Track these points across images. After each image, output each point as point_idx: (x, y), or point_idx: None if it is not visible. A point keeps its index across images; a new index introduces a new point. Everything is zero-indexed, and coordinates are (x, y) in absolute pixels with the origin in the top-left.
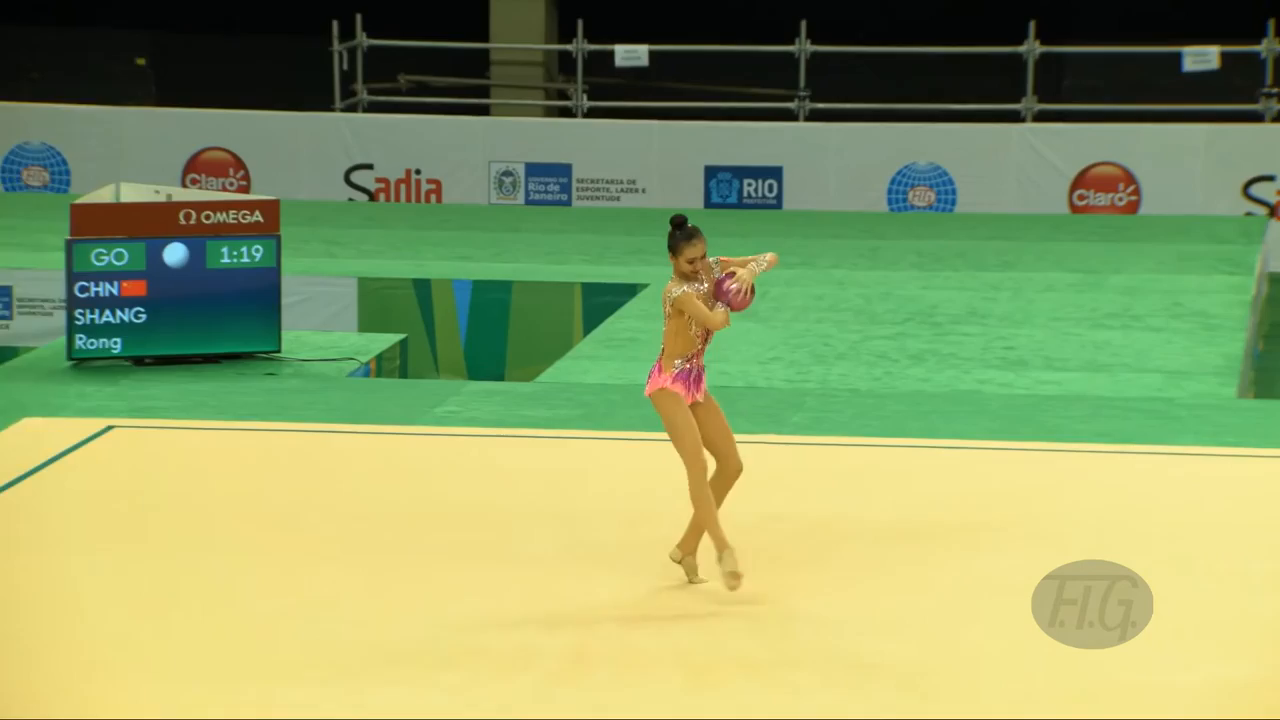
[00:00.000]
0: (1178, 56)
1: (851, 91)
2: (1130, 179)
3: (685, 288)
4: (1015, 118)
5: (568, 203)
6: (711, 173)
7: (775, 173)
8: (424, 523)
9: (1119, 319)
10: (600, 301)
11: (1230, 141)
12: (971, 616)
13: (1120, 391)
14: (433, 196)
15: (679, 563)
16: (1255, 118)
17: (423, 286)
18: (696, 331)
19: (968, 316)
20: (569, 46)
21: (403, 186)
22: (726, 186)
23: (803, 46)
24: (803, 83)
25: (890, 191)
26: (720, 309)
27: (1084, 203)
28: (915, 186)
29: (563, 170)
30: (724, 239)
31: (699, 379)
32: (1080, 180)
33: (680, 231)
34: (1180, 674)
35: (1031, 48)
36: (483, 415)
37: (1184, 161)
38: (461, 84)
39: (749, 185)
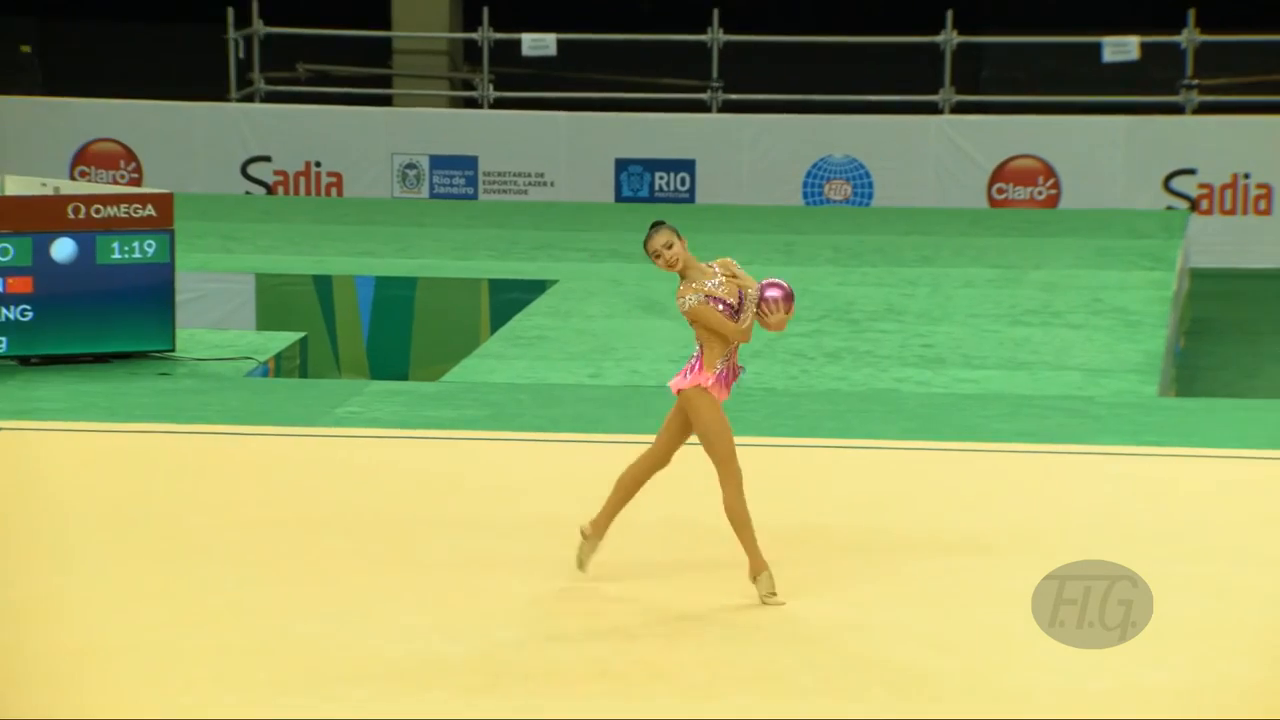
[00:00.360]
0: (1097, 47)
1: (765, 82)
2: (1050, 172)
3: (692, 298)
4: (933, 109)
5: (474, 196)
6: (622, 166)
7: (688, 166)
8: (322, 528)
9: (1038, 315)
10: (508, 298)
11: (1151, 134)
12: (888, 623)
13: (1040, 390)
14: (333, 190)
15: (585, 536)
16: (1176, 110)
17: (323, 283)
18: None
19: (885, 313)
20: (474, 35)
21: (302, 179)
22: (638, 180)
23: (715, 36)
24: (715, 73)
25: (805, 185)
26: (747, 317)
27: (1003, 196)
28: (831, 180)
29: (468, 163)
30: (635, 234)
31: (732, 379)
32: (999, 173)
33: (649, 230)
34: (1093, 680)
35: (949, 38)
36: (385, 416)
37: (1104, 154)
38: (363, 73)
39: (660, 178)
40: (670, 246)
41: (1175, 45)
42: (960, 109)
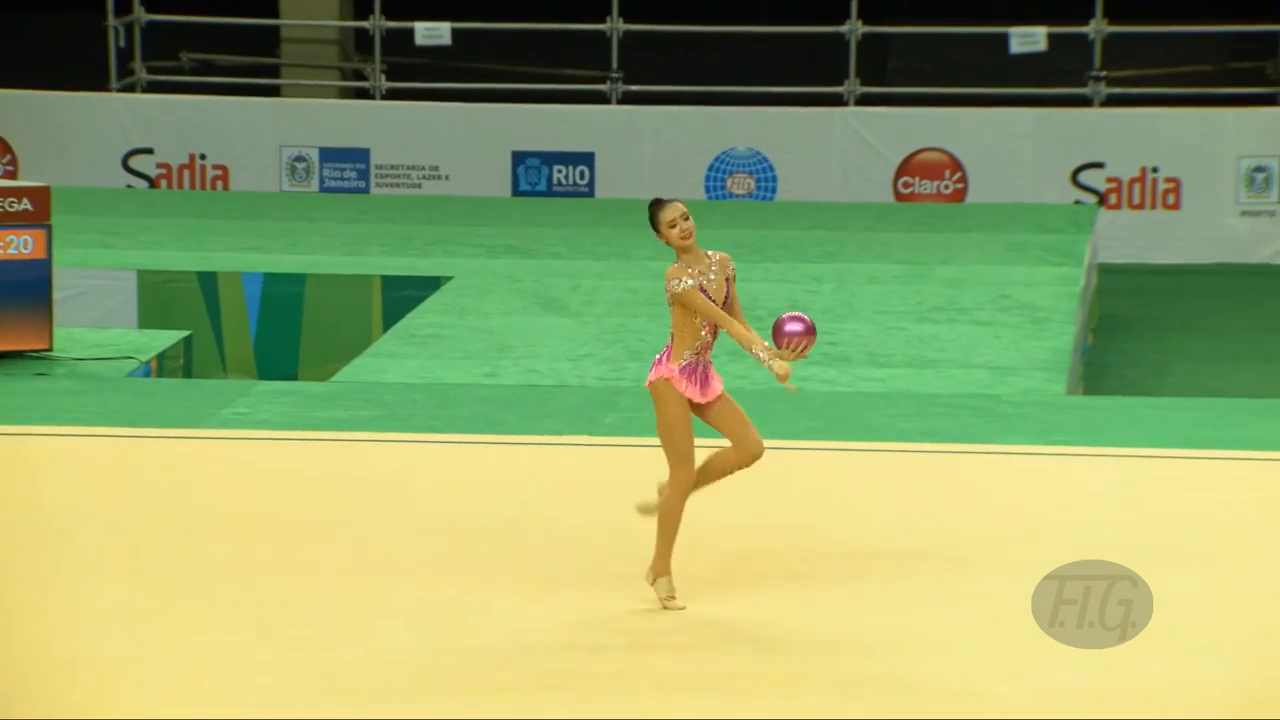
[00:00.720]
0: (1005, 38)
1: (667, 73)
2: (957, 166)
3: (688, 281)
4: (838, 101)
5: (365, 190)
6: (519, 158)
7: (587, 159)
8: (206, 534)
9: (945, 312)
10: (401, 295)
11: (1058, 127)
12: (781, 632)
13: (946, 388)
14: (219, 183)
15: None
16: (1084, 102)
17: (208, 280)
18: (702, 323)
19: (789, 310)
20: (365, 23)
21: (186, 172)
22: (535, 173)
23: (615, 25)
24: (615, 63)
25: (708, 179)
26: (761, 346)
27: (909, 190)
28: (734, 173)
29: (360, 155)
30: (532, 229)
31: (706, 377)
32: (905, 167)
33: (654, 204)
34: (1004, 684)
35: (854, 28)
36: (273, 417)
37: (1012, 148)
38: (250, 63)
39: (559, 172)
40: (688, 217)
41: (1083, 36)
42: (866, 101)
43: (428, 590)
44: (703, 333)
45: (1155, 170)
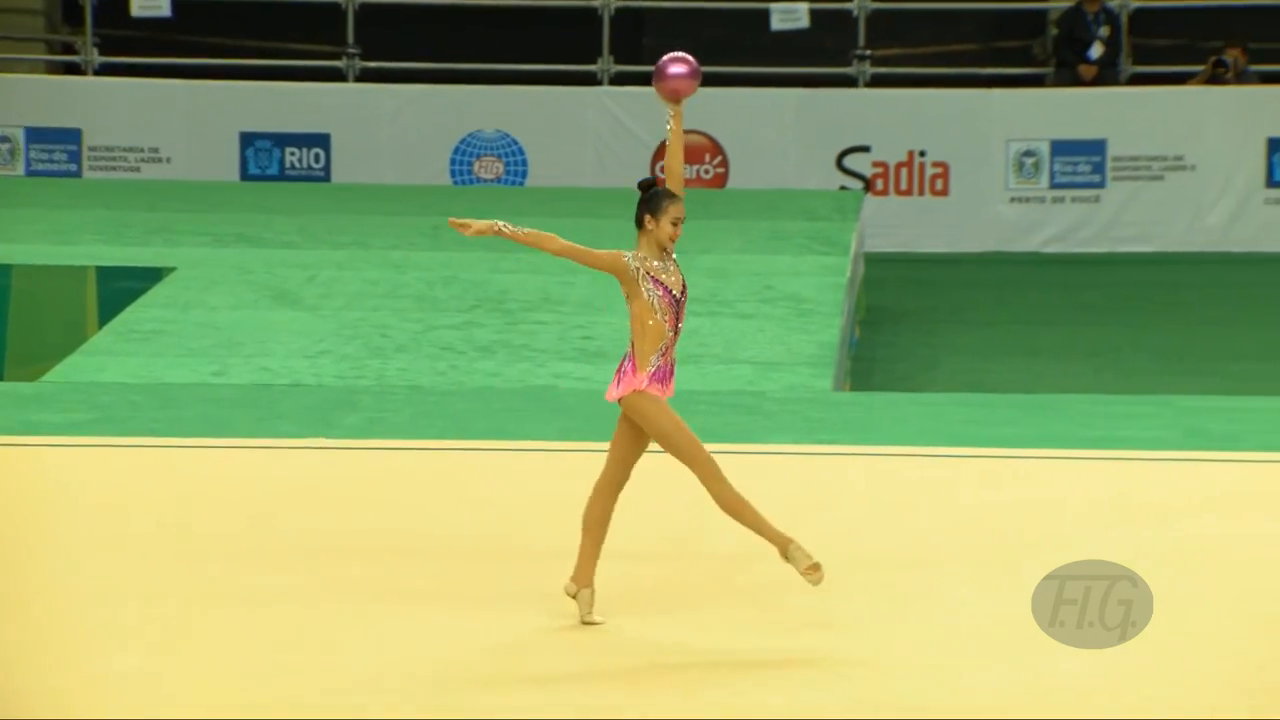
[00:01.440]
0: (765, 14)
1: (408, 49)
2: (717, 149)
3: (625, 252)
4: (591, 80)
5: (77, 173)
6: (248, 140)
7: (322, 140)
8: None
9: (706, 305)
10: (118, 288)
11: (822, 108)
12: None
13: (708, 385)
14: None
15: (574, 596)
16: (848, 82)
17: None
18: (664, 319)
19: (542, 303)
20: None
21: None
22: (266, 156)
23: None
24: (352, 38)
25: (453, 162)
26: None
27: None
28: (481, 157)
29: (70, 136)
30: (263, 216)
31: (671, 374)
32: (664, 150)
33: (657, 190)
34: (771, 696)
35: (607, 2)
36: None
37: (774, 130)
38: None
39: (292, 155)
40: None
41: (847, 13)
42: (620, 80)
43: (153, 608)
44: (666, 330)
45: (923, 154)
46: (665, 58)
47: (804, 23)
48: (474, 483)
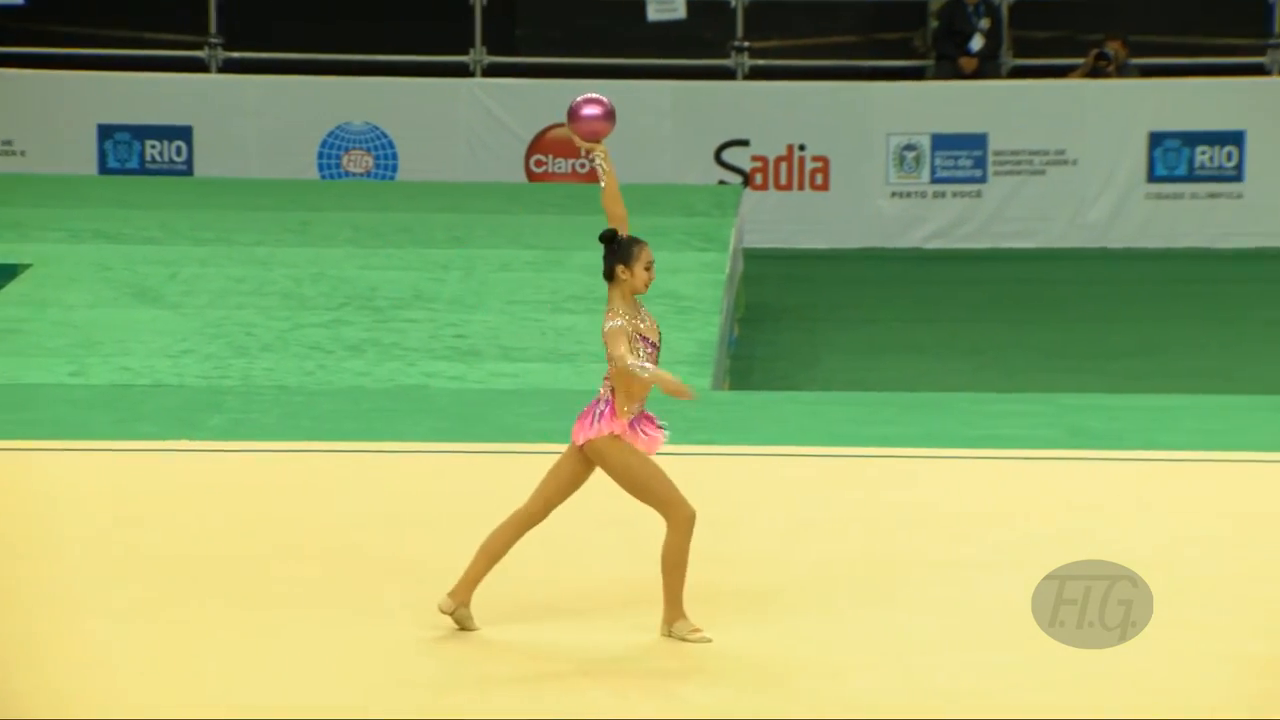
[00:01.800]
0: (641, 4)
1: (273, 38)
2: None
3: (618, 320)
4: (463, 72)
5: None
6: (106, 132)
7: (183, 133)
8: None
9: (583, 302)
10: None
11: (700, 101)
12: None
13: (585, 384)
14: None
15: (450, 614)
16: (727, 74)
17: None
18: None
19: (413, 300)
20: None
21: None
22: (125, 149)
23: None
24: (214, 27)
25: (321, 156)
26: (651, 371)
27: (543, 170)
28: (350, 150)
29: None
30: (123, 211)
31: (641, 417)
32: (538, 144)
33: (623, 239)
34: (645, 701)
35: None
36: None
37: (651, 124)
38: None
39: (152, 148)
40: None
41: (725, 4)
42: (493, 71)
43: (16, 623)
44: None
45: (803, 148)
46: (579, 99)
47: (681, 14)
48: (343, 485)
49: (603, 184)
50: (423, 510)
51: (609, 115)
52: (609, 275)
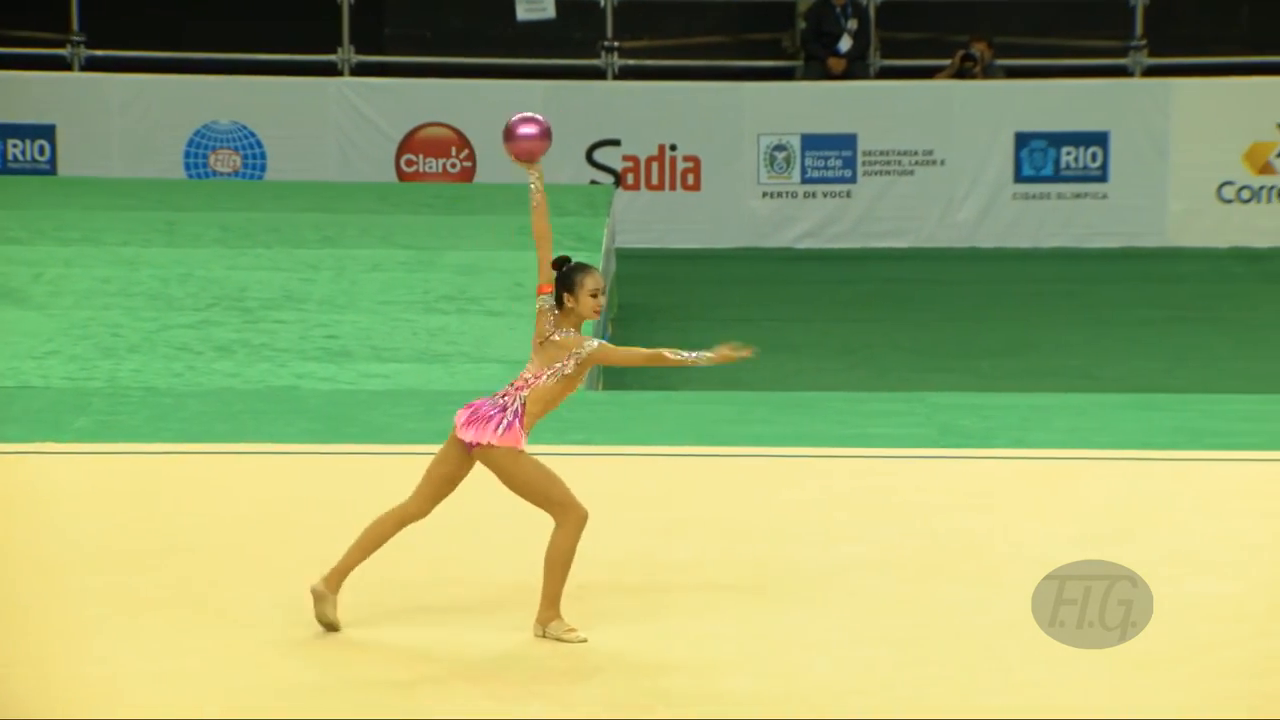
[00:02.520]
0: (510, 4)
1: (137, 36)
2: (464, 142)
3: (594, 341)
4: (331, 71)
5: None
6: None
7: (46, 132)
8: None
9: (455, 302)
10: None
11: (570, 101)
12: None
13: (457, 385)
14: None
15: (317, 597)
16: (597, 74)
17: None
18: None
19: (283, 301)
20: None
21: None
22: None
23: None
24: (78, 24)
25: (187, 155)
26: (697, 355)
27: (413, 169)
28: (217, 149)
29: None
30: None
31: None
32: (408, 143)
33: (568, 267)
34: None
35: None
36: None
37: None
38: None
39: (14, 147)
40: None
41: (595, 3)
42: (362, 70)
43: None
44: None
45: (674, 148)
46: (514, 118)
47: (550, 13)
48: (213, 487)
49: (534, 203)
50: (294, 512)
51: (545, 134)
52: (559, 303)
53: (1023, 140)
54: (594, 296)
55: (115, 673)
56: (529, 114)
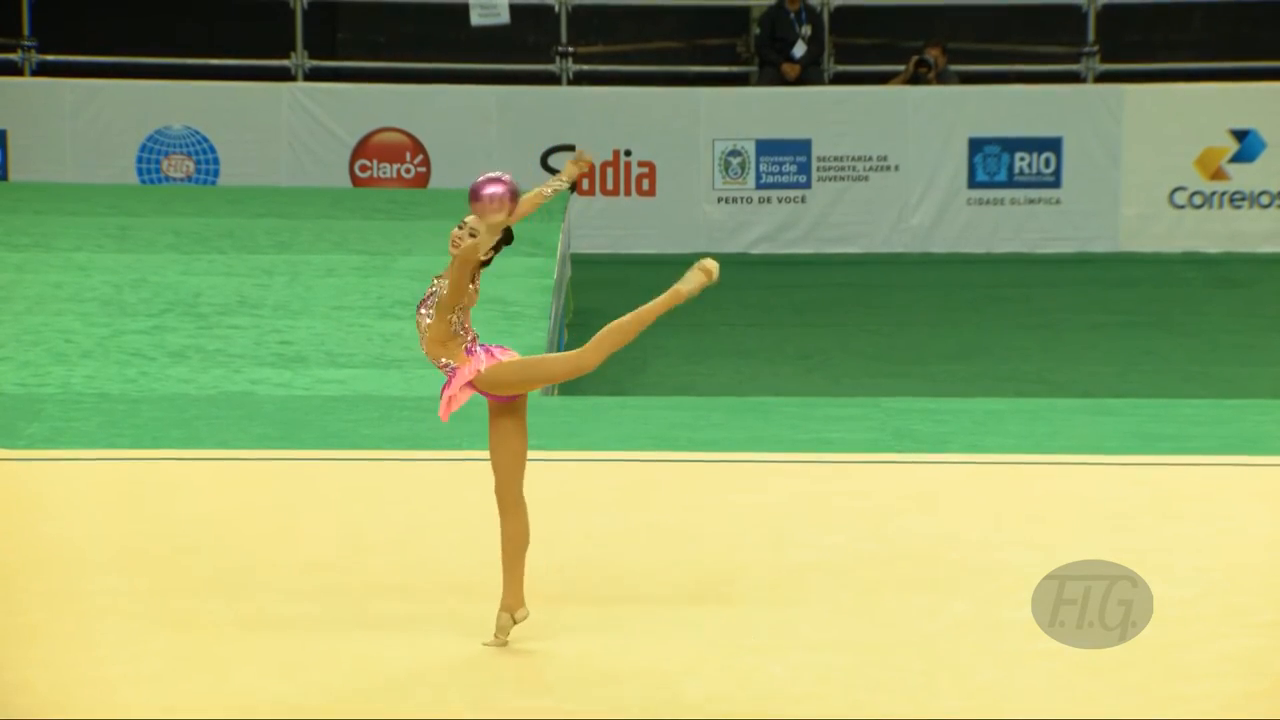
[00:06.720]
0: (464, 8)
1: (88, 40)
2: (419, 148)
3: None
4: (285, 75)
5: None
6: None
7: None
8: None
9: (410, 307)
10: None
11: (525, 106)
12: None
13: (413, 390)
14: None
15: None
16: (551, 79)
17: None
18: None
19: (237, 306)
20: None
21: None
22: None
23: None
24: (28, 30)
25: (140, 160)
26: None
27: (367, 174)
28: (170, 154)
29: None
30: None
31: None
32: (362, 149)
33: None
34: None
35: None
36: None
37: (476, 129)
38: None
39: None
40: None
41: (549, 8)
42: (315, 76)
43: None
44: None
45: (629, 154)
46: (480, 179)
47: (504, 18)
48: (167, 493)
49: (536, 190)
50: (248, 519)
51: (512, 195)
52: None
53: (976, 146)
54: (459, 228)
55: (63, 678)
56: (493, 174)
